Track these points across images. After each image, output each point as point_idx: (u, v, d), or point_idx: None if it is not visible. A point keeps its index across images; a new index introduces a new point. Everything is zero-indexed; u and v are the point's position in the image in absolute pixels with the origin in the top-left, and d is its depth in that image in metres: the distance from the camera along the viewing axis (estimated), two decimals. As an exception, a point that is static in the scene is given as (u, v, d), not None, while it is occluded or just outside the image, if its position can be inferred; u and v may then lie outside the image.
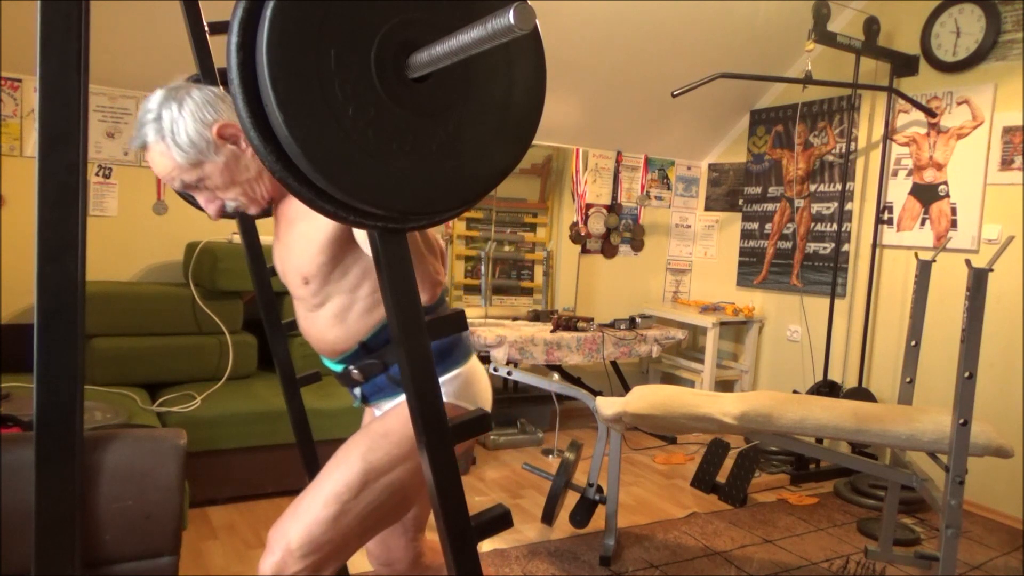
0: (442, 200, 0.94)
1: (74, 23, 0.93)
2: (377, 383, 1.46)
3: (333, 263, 1.34)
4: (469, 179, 0.95)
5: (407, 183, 0.90)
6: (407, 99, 0.89)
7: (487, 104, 0.95)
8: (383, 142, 0.88)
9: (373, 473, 1.34)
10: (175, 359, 3.15)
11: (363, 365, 1.44)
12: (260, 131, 0.84)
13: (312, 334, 1.47)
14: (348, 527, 1.33)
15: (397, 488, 1.37)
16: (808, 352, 4.26)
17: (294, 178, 0.88)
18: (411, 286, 1.00)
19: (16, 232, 3.15)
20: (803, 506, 3.40)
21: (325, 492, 1.32)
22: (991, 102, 3.43)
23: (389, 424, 1.39)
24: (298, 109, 0.82)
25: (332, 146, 0.84)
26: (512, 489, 3.40)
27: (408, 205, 0.91)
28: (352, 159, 0.86)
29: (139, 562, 1.72)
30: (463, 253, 4.53)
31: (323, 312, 1.41)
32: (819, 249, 4.23)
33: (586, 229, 4.70)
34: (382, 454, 1.35)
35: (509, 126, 0.97)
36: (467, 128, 0.94)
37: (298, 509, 1.33)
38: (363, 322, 1.40)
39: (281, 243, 1.45)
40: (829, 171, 4.17)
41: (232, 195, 1.35)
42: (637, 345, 4.25)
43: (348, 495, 1.32)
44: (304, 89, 0.83)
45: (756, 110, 4.63)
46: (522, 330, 4.02)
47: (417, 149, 0.91)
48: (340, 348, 1.44)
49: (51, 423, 0.98)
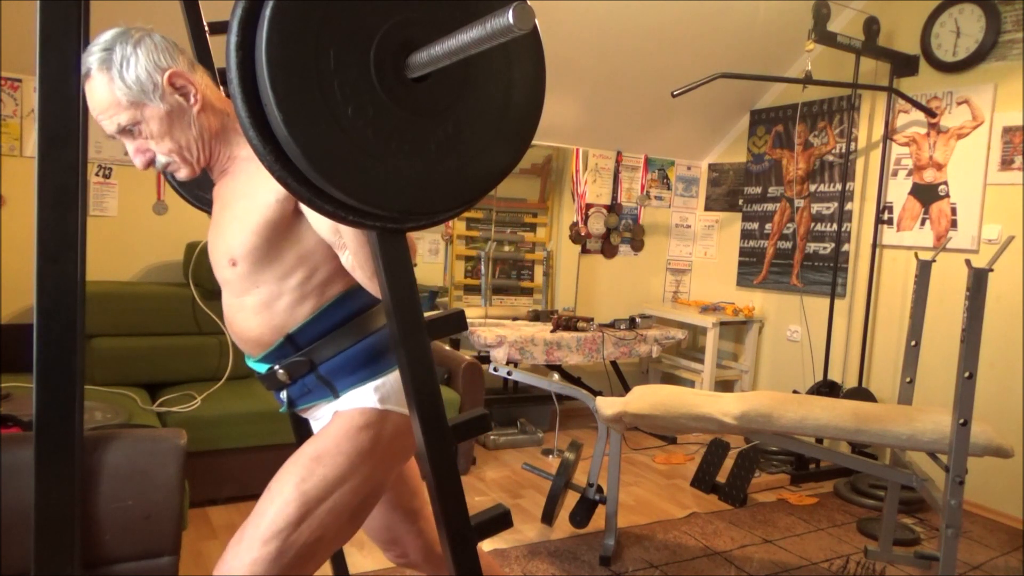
0: (441, 200, 0.94)
1: (74, 23, 0.93)
2: (305, 383, 1.37)
3: (266, 247, 1.28)
4: (468, 179, 0.95)
5: (406, 183, 0.90)
6: (406, 99, 0.89)
7: (486, 104, 0.95)
8: (382, 142, 0.88)
9: (311, 503, 1.26)
10: (175, 359, 3.15)
11: (289, 364, 1.35)
12: (259, 130, 0.84)
13: (235, 326, 1.38)
14: (293, 561, 1.26)
15: (340, 511, 1.29)
16: (808, 352, 4.26)
17: (293, 178, 0.88)
18: (411, 286, 1.00)
19: (16, 232, 3.15)
20: (803, 506, 3.39)
21: (262, 531, 1.24)
22: (991, 102, 3.43)
23: (321, 446, 1.31)
24: (297, 109, 0.82)
25: (331, 146, 0.84)
26: (512, 489, 3.40)
27: (406, 205, 0.90)
28: (351, 159, 0.86)
29: (139, 562, 1.72)
30: (463, 253, 4.53)
31: (248, 300, 1.33)
32: (819, 249, 4.23)
33: (586, 229, 4.69)
34: (317, 480, 1.27)
35: (508, 126, 0.97)
36: (466, 128, 0.94)
37: (239, 549, 1.24)
38: (291, 314, 1.32)
39: (214, 224, 1.38)
40: (829, 171, 4.17)
41: (166, 149, 1.28)
42: (637, 345, 4.25)
43: (288, 530, 1.24)
44: (303, 89, 0.82)
45: (756, 110, 4.63)
46: (522, 330, 4.02)
47: (416, 149, 0.90)
48: (264, 342, 1.35)
49: (51, 423, 0.98)
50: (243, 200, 1.29)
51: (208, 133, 1.32)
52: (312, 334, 1.34)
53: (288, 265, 1.30)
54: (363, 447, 1.31)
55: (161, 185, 3.51)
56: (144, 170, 1.32)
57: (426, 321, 1.03)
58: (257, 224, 1.26)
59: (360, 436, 1.31)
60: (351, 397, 1.35)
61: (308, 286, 1.32)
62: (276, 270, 1.30)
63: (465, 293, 4.55)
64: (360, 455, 1.31)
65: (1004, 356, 3.36)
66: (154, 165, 1.31)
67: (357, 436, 1.31)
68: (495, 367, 2.93)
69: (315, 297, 1.33)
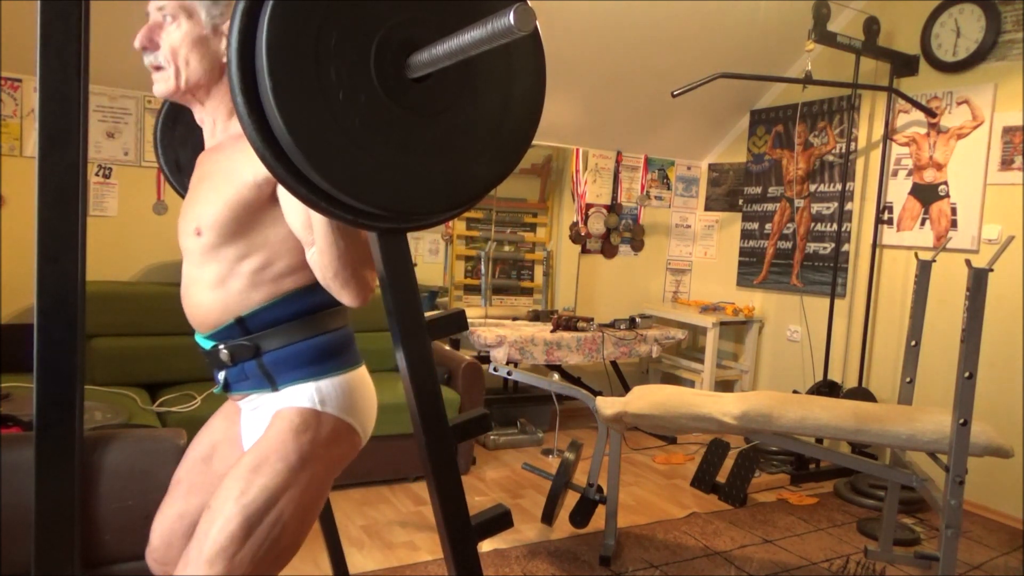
0: (425, 202, 0.93)
1: (74, 23, 0.93)
2: (245, 369, 1.35)
3: (233, 225, 1.27)
4: (455, 185, 0.95)
5: (389, 179, 0.89)
6: (403, 96, 0.89)
7: (483, 113, 0.95)
8: (370, 133, 0.87)
9: (254, 517, 1.23)
10: (175, 359, 3.15)
11: (234, 345, 1.33)
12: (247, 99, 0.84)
13: (189, 298, 1.38)
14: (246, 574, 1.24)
15: (287, 520, 1.27)
16: (808, 352, 4.26)
17: (285, 170, 0.88)
18: (412, 286, 1.00)
19: (16, 232, 3.15)
20: (803, 506, 3.40)
21: (206, 552, 1.21)
22: (991, 102, 3.43)
23: (258, 455, 1.27)
24: (289, 81, 0.81)
25: (316, 125, 0.83)
26: (512, 489, 3.40)
27: (386, 201, 0.90)
28: (342, 151, 0.85)
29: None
30: (463, 253, 4.53)
31: (206, 272, 1.33)
32: (819, 249, 4.23)
33: (586, 229, 4.69)
34: (257, 492, 1.24)
35: (503, 137, 0.97)
36: (460, 133, 0.93)
37: (184, 571, 1.22)
38: (243, 297, 1.31)
39: (190, 193, 1.39)
40: (829, 171, 4.17)
41: (170, 55, 1.30)
42: (637, 345, 4.25)
43: (233, 547, 1.22)
44: (301, 83, 0.83)
45: (756, 110, 4.63)
46: (522, 330, 4.02)
47: (405, 147, 0.90)
48: (213, 320, 1.34)
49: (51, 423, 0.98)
50: (223, 174, 1.29)
51: (215, 83, 1.34)
52: (263, 321, 1.33)
53: (249, 247, 1.30)
54: (302, 451, 1.29)
55: (161, 185, 3.51)
56: (138, 49, 1.33)
57: (426, 321, 1.03)
58: (230, 199, 1.27)
59: (298, 440, 1.29)
60: (289, 394, 1.33)
61: (264, 274, 1.31)
62: (237, 249, 1.30)
63: (465, 293, 4.55)
64: (300, 459, 1.28)
65: (1004, 356, 3.36)
66: (145, 54, 1.33)
67: (295, 440, 1.28)
68: (495, 367, 2.93)
69: (270, 285, 1.32)
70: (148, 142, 3.47)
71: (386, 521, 2.94)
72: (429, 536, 2.82)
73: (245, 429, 1.42)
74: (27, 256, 3.24)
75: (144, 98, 3.44)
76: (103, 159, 3.38)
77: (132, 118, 3.43)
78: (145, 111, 3.45)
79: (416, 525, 2.91)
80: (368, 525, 2.89)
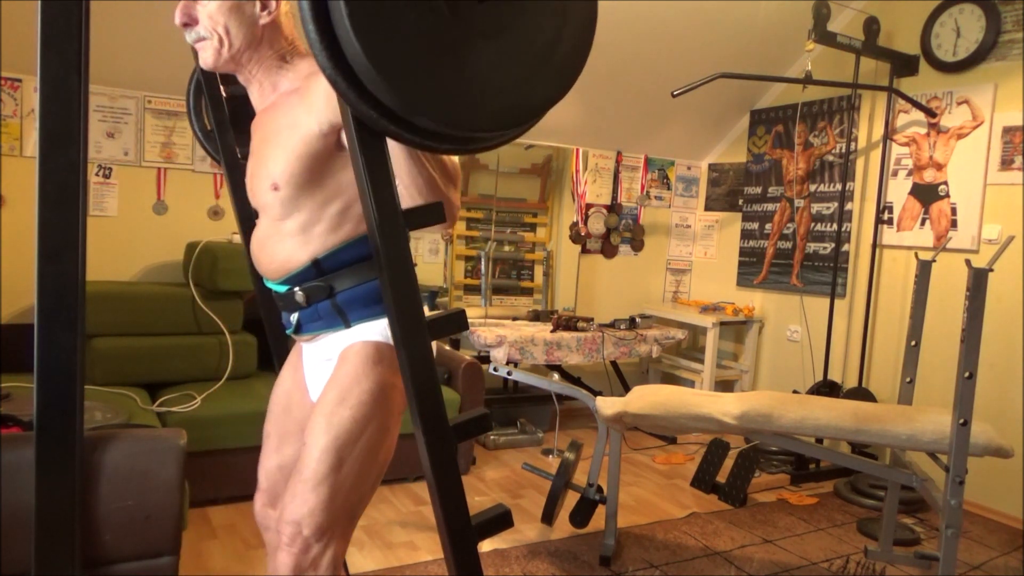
0: (488, 120, 0.97)
1: (74, 23, 0.93)
2: (319, 309, 1.42)
3: (307, 175, 1.34)
4: (515, 105, 0.99)
5: (461, 100, 0.93)
6: (469, 18, 0.93)
7: (539, 33, 0.99)
8: (443, 58, 0.91)
9: (344, 447, 1.34)
10: (175, 359, 3.15)
11: (309, 287, 1.41)
12: (328, 49, 0.88)
13: (266, 249, 1.44)
14: (346, 499, 1.36)
15: (374, 446, 1.38)
16: (808, 352, 4.26)
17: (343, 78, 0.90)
18: (412, 286, 1.00)
19: (16, 232, 3.15)
20: (803, 506, 3.40)
21: (309, 480, 1.33)
22: (991, 102, 3.43)
23: (340, 388, 1.37)
24: (368, 19, 0.85)
25: (396, 57, 0.87)
26: (512, 489, 3.40)
27: (457, 121, 0.93)
28: (412, 70, 0.89)
29: (139, 562, 1.72)
30: (463, 253, 4.53)
31: (287, 224, 1.39)
32: (819, 249, 4.23)
33: (586, 229, 4.69)
34: (345, 423, 1.34)
35: (557, 59, 1.00)
36: (517, 54, 0.97)
37: (294, 501, 1.34)
38: (323, 240, 1.38)
39: (256, 153, 1.45)
40: (829, 171, 4.17)
41: (211, 25, 1.35)
42: (637, 345, 4.25)
43: (332, 474, 1.33)
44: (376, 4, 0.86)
45: (756, 110, 4.63)
46: (522, 330, 4.02)
47: (471, 67, 0.93)
48: (291, 265, 1.41)
49: (51, 423, 0.98)
50: (287, 130, 1.35)
51: (256, 46, 1.39)
52: (337, 262, 1.40)
53: (328, 193, 1.37)
54: (380, 378, 1.38)
55: (161, 185, 3.52)
56: (180, 26, 1.36)
57: (426, 321, 1.03)
58: (300, 152, 1.33)
59: (375, 369, 1.38)
60: (361, 330, 1.41)
61: (346, 216, 1.39)
62: (317, 197, 1.37)
63: (465, 293, 4.55)
64: (379, 386, 1.37)
65: (1004, 356, 3.36)
66: (187, 30, 1.37)
67: (373, 370, 1.37)
68: (495, 367, 2.93)
69: (349, 226, 1.39)
70: (148, 142, 3.47)
71: (386, 521, 2.94)
72: (429, 536, 2.82)
73: (308, 370, 1.52)
74: (27, 256, 3.25)
75: (144, 98, 3.44)
76: (103, 159, 3.38)
77: (132, 118, 3.42)
78: (145, 111, 3.45)
79: (416, 525, 2.91)
80: (368, 525, 2.89)
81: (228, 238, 3.46)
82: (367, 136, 0.98)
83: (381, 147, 0.99)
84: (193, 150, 3.56)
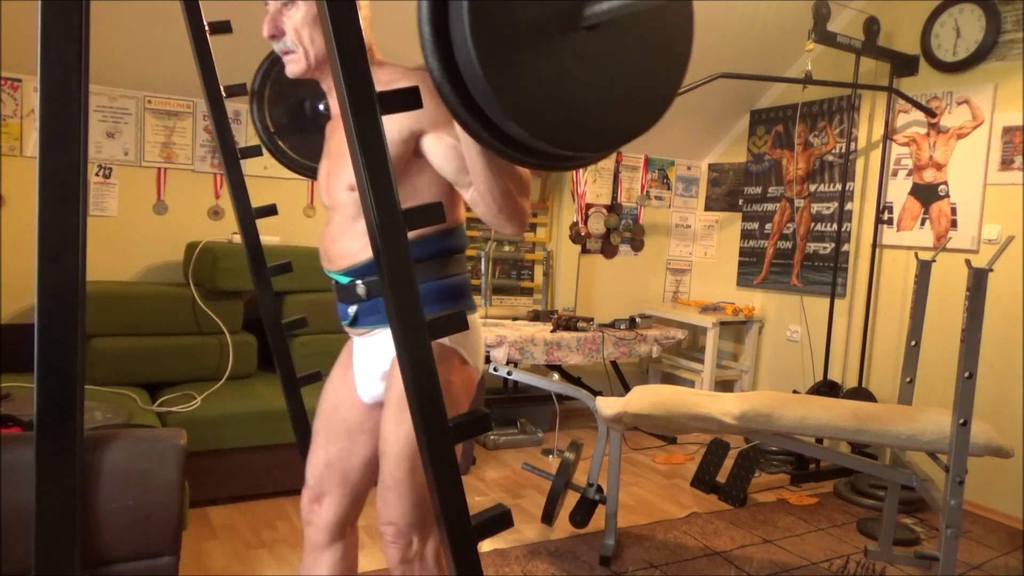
0: (582, 140, 1.01)
1: (74, 23, 0.93)
2: (377, 303, 1.47)
3: None
4: (607, 128, 1.03)
5: (562, 121, 0.98)
6: (577, 45, 0.98)
7: (637, 63, 1.04)
8: (554, 81, 0.95)
9: (416, 453, 1.38)
10: (175, 359, 3.15)
11: (371, 281, 1.46)
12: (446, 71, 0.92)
13: (337, 242, 1.49)
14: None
15: None
16: (808, 352, 4.26)
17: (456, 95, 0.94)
18: (412, 286, 1.00)
19: (16, 232, 3.15)
20: (803, 506, 3.40)
21: (392, 486, 1.42)
22: (991, 102, 3.43)
23: (402, 392, 1.40)
24: (489, 44, 0.89)
25: (516, 83, 0.92)
26: (512, 489, 3.40)
27: (558, 141, 0.98)
28: (517, 75, 0.92)
29: (139, 562, 1.72)
30: (463, 253, 4.53)
31: (360, 223, 1.44)
32: (819, 249, 4.23)
33: (586, 229, 4.69)
34: (411, 425, 1.39)
35: (651, 89, 1.06)
36: (615, 80, 1.02)
37: (386, 507, 1.45)
38: None
39: (332, 156, 1.51)
40: (829, 171, 4.17)
41: (296, 37, 1.41)
42: (637, 345, 4.25)
43: (409, 478, 1.41)
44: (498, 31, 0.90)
45: (756, 110, 4.63)
46: (522, 330, 4.02)
47: (571, 85, 0.98)
48: (357, 258, 1.46)
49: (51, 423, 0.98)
50: None
51: None
52: None
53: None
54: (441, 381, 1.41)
55: (161, 185, 3.51)
56: (268, 38, 1.43)
57: (426, 321, 1.03)
58: None
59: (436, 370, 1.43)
60: None
61: None
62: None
63: (465, 293, 4.54)
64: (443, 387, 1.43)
65: (1004, 356, 3.36)
66: (275, 41, 1.43)
67: None
68: (495, 367, 2.93)
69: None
70: (148, 142, 3.47)
71: (386, 521, 2.93)
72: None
73: (359, 369, 1.57)
74: (27, 256, 3.25)
75: (144, 98, 3.44)
76: (103, 159, 3.38)
77: (132, 118, 3.43)
78: (145, 111, 3.45)
79: (416, 525, 2.91)
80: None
81: (228, 238, 3.46)
82: (367, 136, 0.98)
83: (381, 147, 0.99)
84: (193, 150, 3.56)
